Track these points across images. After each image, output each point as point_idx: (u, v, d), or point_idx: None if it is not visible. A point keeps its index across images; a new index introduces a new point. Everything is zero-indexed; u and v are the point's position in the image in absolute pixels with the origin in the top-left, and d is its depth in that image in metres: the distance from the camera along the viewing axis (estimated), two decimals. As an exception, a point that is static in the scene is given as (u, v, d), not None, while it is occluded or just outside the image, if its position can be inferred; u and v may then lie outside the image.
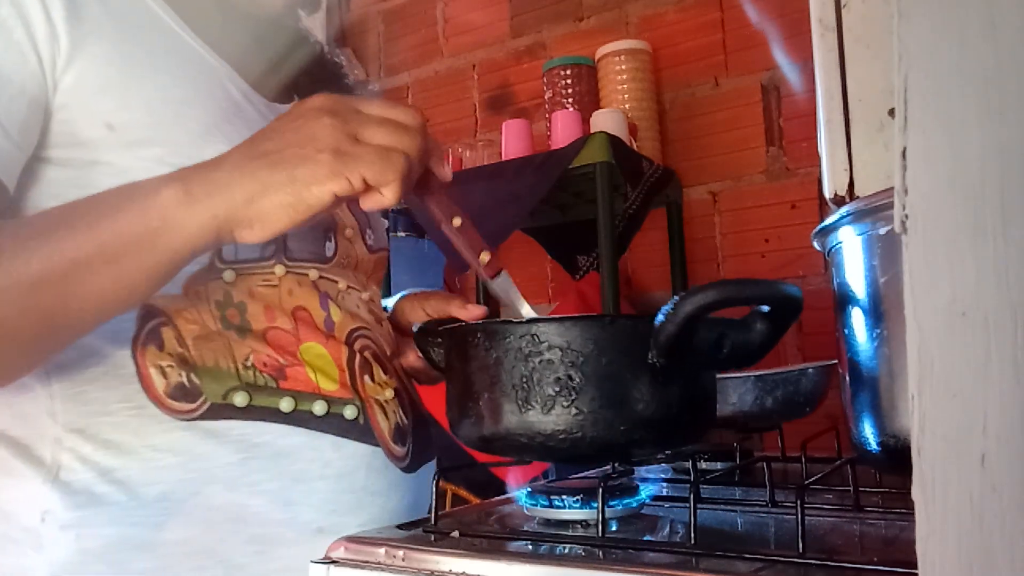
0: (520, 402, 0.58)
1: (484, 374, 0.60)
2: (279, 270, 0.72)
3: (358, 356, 0.75)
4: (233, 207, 0.56)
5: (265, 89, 0.79)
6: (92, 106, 0.63)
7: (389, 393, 0.76)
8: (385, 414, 0.75)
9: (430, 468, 0.80)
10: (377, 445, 0.73)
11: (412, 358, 0.84)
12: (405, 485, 0.75)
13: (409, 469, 0.76)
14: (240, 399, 0.67)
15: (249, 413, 0.67)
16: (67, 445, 0.64)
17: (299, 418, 0.69)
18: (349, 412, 0.71)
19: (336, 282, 0.77)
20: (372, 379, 0.75)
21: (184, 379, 0.66)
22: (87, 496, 0.63)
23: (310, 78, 0.89)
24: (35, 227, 0.58)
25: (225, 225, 0.56)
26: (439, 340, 0.70)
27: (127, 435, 0.64)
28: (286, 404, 0.68)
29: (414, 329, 0.73)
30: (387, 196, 0.57)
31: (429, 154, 0.63)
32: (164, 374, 0.65)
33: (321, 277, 0.75)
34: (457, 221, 0.66)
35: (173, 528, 0.64)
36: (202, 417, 0.66)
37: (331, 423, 0.70)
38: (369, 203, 0.58)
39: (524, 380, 0.58)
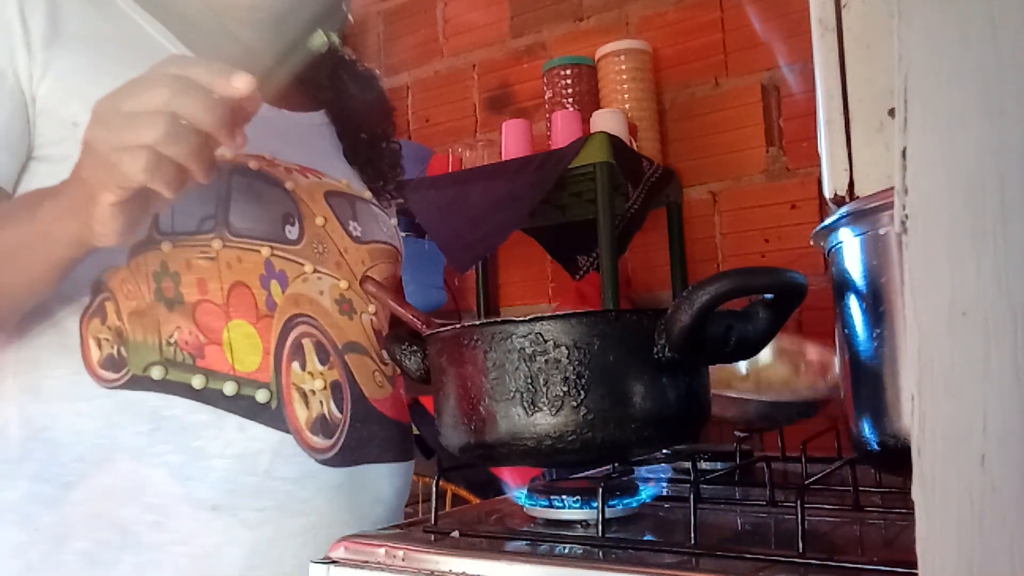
0: (526, 405, 0.56)
1: (483, 378, 0.58)
2: (216, 244, 0.74)
3: (290, 342, 0.76)
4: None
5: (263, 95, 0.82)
6: (61, 110, 0.71)
7: (319, 383, 0.76)
8: (306, 403, 0.75)
9: (374, 469, 0.79)
10: (288, 432, 0.73)
11: None
12: (325, 478, 0.75)
13: (333, 463, 0.76)
14: (157, 372, 0.71)
15: (163, 386, 0.71)
16: (18, 402, 0.71)
17: (208, 396, 0.72)
18: (261, 396, 0.73)
19: (300, 264, 0.79)
20: (302, 367, 0.76)
21: (114, 351, 0.71)
22: (21, 450, 0.70)
23: (331, 84, 0.94)
24: None
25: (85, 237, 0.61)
26: (413, 347, 0.69)
27: (63, 399, 0.71)
28: (198, 381, 0.71)
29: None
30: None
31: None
32: (100, 345, 0.71)
33: (276, 256, 0.77)
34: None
35: (81, 489, 0.69)
36: (123, 387, 0.71)
37: (239, 404, 0.72)
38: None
39: (529, 381, 0.56)
